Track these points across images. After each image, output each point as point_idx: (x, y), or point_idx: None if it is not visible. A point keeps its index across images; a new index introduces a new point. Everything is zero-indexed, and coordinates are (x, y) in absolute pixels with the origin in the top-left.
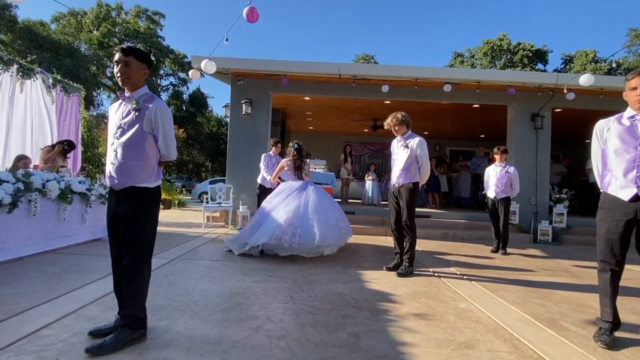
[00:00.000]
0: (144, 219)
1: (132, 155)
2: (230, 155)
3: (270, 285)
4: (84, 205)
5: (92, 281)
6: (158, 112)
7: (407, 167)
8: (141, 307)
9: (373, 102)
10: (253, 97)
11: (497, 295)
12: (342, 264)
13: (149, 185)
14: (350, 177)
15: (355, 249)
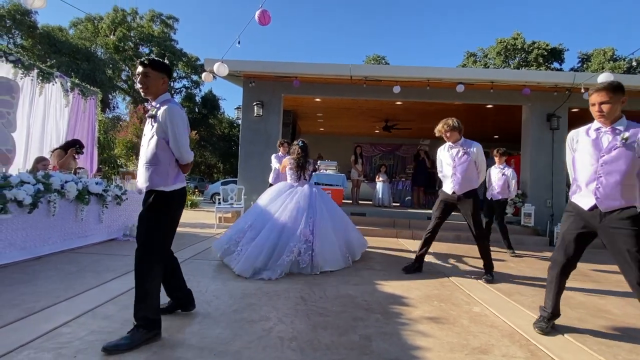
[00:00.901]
0: (153, 221)
1: (148, 161)
2: (242, 157)
3: (281, 287)
4: (100, 206)
5: (108, 280)
6: (166, 115)
7: (469, 175)
8: (153, 308)
9: (384, 103)
10: (264, 99)
11: (512, 299)
12: (353, 266)
13: (164, 189)
14: (360, 179)
15: (367, 252)
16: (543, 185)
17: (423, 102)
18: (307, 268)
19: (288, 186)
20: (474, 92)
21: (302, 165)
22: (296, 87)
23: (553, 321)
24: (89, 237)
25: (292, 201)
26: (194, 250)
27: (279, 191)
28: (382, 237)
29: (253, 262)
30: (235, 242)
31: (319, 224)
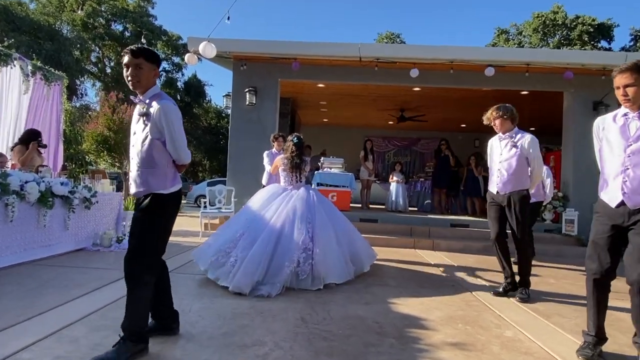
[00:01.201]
0: (147, 223)
1: (143, 163)
2: (232, 153)
3: (278, 305)
4: (66, 211)
5: (76, 297)
6: (162, 113)
7: (517, 172)
8: (143, 319)
9: (399, 89)
10: (258, 84)
11: (551, 322)
12: (363, 281)
13: (163, 192)
14: (371, 179)
15: (379, 264)
16: (588, 186)
17: (445, 88)
18: (307, 280)
19: (282, 189)
20: (506, 77)
21: (296, 165)
22: (295, 70)
23: (600, 347)
24: (53, 246)
25: (288, 206)
26: (175, 263)
27: (272, 195)
28: (397, 247)
29: (252, 276)
30: (225, 254)
31: (318, 230)
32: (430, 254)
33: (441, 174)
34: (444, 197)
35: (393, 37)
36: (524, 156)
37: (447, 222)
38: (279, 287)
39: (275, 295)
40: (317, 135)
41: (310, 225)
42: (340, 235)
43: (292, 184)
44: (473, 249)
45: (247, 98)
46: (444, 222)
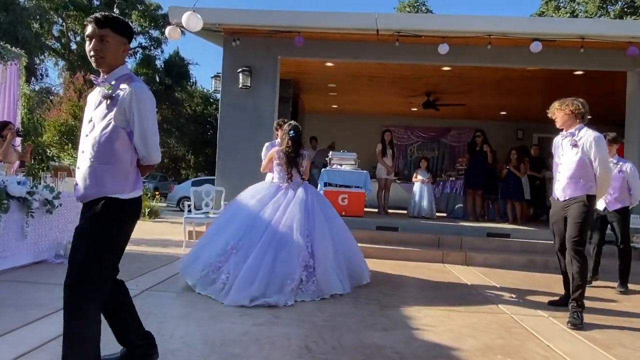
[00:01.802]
0: (97, 237)
1: (99, 157)
2: (222, 146)
3: (278, 331)
4: (23, 215)
5: (37, 319)
6: (133, 99)
7: (576, 174)
8: (90, 359)
9: (425, 69)
10: (254, 63)
11: (612, 354)
12: (380, 301)
13: (120, 196)
14: (390, 177)
15: (399, 281)
16: None
17: (482, 67)
18: (309, 295)
19: (275, 188)
20: (555, 53)
21: (292, 160)
22: (299, 46)
23: None
24: (8, 258)
25: (286, 214)
26: (154, 278)
27: (265, 196)
28: (422, 261)
29: (248, 288)
30: (216, 269)
31: (318, 243)
32: (462, 270)
33: (476, 172)
34: (479, 201)
35: (417, 5)
36: (586, 158)
37: (483, 231)
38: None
39: (284, 304)
40: (325, 124)
41: (309, 239)
42: (337, 244)
43: (287, 181)
44: (515, 264)
45: (240, 80)
46: (479, 231)
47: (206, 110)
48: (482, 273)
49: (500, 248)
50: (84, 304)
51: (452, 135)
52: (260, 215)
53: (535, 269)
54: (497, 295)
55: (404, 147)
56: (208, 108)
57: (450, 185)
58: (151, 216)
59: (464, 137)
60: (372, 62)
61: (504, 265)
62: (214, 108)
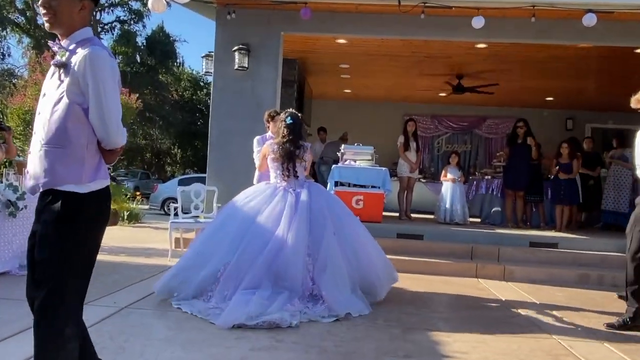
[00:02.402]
0: (62, 242)
1: (50, 139)
2: (214, 138)
3: (280, 357)
4: None
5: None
6: (87, 63)
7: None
8: None
9: (456, 47)
10: (252, 40)
11: None
12: (402, 323)
13: (75, 189)
14: (414, 176)
15: (424, 299)
16: None
17: (525, 44)
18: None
19: (271, 191)
20: (614, 27)
21: (291, 153)
22: (305, 19)
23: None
24: None
25: (285, 223)
26: (135, 294)
27: (258, 203)
28: (452, 275)
29: (245, 308)
30: (206, 296)
31: (328, 255)
32: (499, 286)
33: (517, 170)
34: (521, 204)
35: None
36: None
37: (525, 240)
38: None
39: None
40: (336, 112)
41: (312, 260)
42: (352, 254)
43: (285, 179)
44: (564, 280)
45: (236, 60)
46: (521, 239)
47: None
48: (524, 290)
49: (546, 260)
50: (60, 330)
51: (488, 125)
52: (254, 228)
53: (588, 286)
54: (541, 316)
55: (430, 139)
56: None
57: (486, 185)
58: (131, 220)
59: (502, 128)
60: (392, 39)
61: (550, 281)
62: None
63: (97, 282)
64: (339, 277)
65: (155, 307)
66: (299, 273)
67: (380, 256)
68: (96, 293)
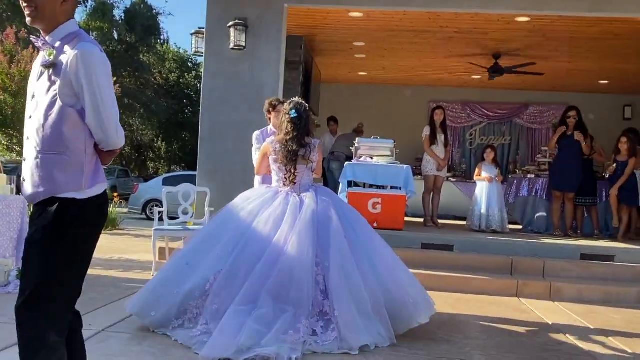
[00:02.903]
0: (53, 253)
1: (46, 146)
2: (206, 130)
3: None
4: None
5: None
6: (81, 63)
7: None
8: None
9: (493, 21)
10: (251, 14)
11: None
12: (429, 351)
13: (75, 196)
14: (442, 174)
15: (455, 322)
16: None
17: (574, 17)
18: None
19: (271, 195)
20: None
21: (294, 153)
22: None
23: None
24: None
25: (286, 232)
26: (113, 315)
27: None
28: (488, 294)
29: (235, 336)
30: (191, 314)
31: (338, 273)
32: (545, 307)
33: (566, 167)
34: (570, 208)
35: None
36: None
37: (576, 252)
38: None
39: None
40: (349, 99)
41: (322, 272)
42: (369, 272)
43: (287, 183)
44: (622, 300)
45: (231, 38)
46: (570, 251)
47: (182, 79)
48: (574, 311)
49: (601, 276)
50: (40, 334)
51: (531, 113)
52: (250, 232)
53: None
54: (595, 344)
55: (461, 130)
56: (185, 76)
57: (529, 185)
58: (107, 227)
59: (548, 117)
60: (417, 12)
61: (606, 301)
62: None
63: None
64: (355, 290)
65: (136, 331)
66: (306, 284)
67: (405, 272)
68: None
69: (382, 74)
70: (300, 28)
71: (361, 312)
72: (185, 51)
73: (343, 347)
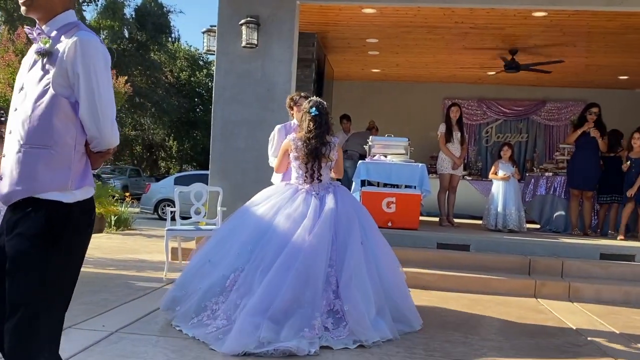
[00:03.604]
0: (44, 260)
1: (31, 139)
2: (218, 129)
3: None
4: None
5: None
6: (79, 51)
7: None
8: None
9: (509, 16)
10: (263, 11)
11: None
12: (446, 353)
13: (61, 199)
14: (458, 173)
15: (472, 323)
16: None
17: (593, 11)
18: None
19: (290, 193)
20: None
21: (316, 151)
22: None
23: None
24: None
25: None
26: (127, 315)
27: (274, 205)
28: (505, 294)
29: (255, 332)
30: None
31: (348, 275)
32: (564, 308)
33: (585, 165)
34: (589, 206)
35: None
36: None
37: (595, 252)
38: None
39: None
40: (362, 96)
41: (334, 272)
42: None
43: (308, 182)
44: None
45: (243, 36)
46: (590, 250)
47: (194, 77)
48: (594, 312)
49: (622, 276)
50: (35, 356)
51: (549, 110)
52: (270, 234)
53: None
54: (615, 345)
55: (477, 128)
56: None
57: (547, 183)
58: (119, 227)
59: (566, 113)
60: (431, 7)
61: (627, 302)
62: (205, 74)
63: (84, 301)
64: (364, 293)
65: (150, 332)
66: (320, 284)
67: (404, 281)
68: (83, 314)
69: (396, 70)
70: (312, 25)
71: (370, 309)
72: (197, 49)
73: (356, 342)
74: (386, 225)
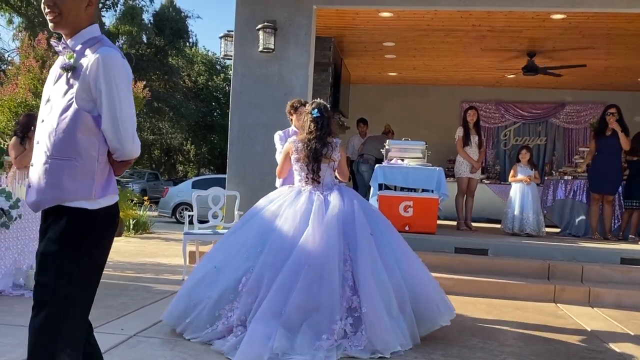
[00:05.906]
0: (65, 264)
1: (57, 151)
2: (235, 133)
3: None
4: None
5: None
6: (101, 67)
7: None
8: None
9: (528, 19)
10: (280, 16)
11: None
12: (463, 358)
13: (86, 206)
14: (476, 177)
15: (490, 328)
16: None
17: (612, 13)
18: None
19: (294, 194)
20: None
21: (317, 152)
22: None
23: None
24: None
25: (313, 229)
26: (145, 319)
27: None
28: (524, 299)
29: (267, 341)
30: (225, 318)
31: (365, 270)
32: (583, 313)
33: (606, 168)
34: (610, 210)
35: None
36: None
37: (616, 256)
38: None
39: None
40: (379, 100)
41: (350, 266)
42: (394, 272)
43: (310, 182)
44: None
45: (260, 40)
46: (610, 255)
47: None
48: (614, 318)
49: None
50: (57, 353)
51: (568, 113)
52: (277, 235)
53: None
54: (637, 352)
55: (495, 131)
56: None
57: (566, 187)
58: (138, 230)
59: (585, 116)
60: (448, 10)
61: None
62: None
63: (103, 305)
64: (382, 287)
65: (168, 336)
66: (337, 284)
67: (427, 272)
68: (102, 317)
69: (413, 74)
70: (329, 29)
71: (388, 310)
72: (214, 54)
73: (374, 351)
74: (403, 230)
